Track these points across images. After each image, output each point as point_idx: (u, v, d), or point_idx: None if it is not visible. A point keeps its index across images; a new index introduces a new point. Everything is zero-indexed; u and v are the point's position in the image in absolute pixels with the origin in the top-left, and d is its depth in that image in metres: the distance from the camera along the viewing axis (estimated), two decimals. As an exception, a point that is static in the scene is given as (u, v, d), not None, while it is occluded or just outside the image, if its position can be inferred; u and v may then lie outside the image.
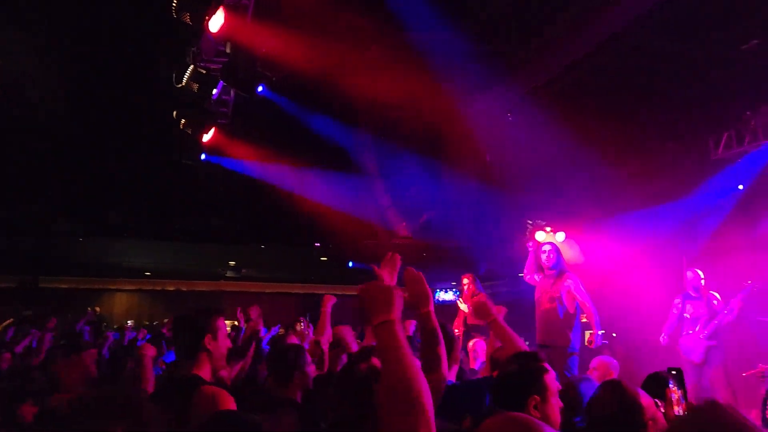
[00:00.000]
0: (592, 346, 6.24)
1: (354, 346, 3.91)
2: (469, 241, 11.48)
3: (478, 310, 3.52)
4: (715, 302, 7.13)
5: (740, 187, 9.08)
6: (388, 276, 3.28)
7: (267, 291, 18.50)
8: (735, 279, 7.56)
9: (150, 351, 3.68)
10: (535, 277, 6.62)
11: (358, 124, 9.99)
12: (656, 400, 2.41)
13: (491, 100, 9.53)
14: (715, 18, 7.67)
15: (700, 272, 7.32)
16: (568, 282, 6.20)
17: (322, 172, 10.69)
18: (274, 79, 8.62)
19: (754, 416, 6.35)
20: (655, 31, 7.84)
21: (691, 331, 7.16)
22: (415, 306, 2.87)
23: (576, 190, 10.09)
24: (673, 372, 2.47)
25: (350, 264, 12.84)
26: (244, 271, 18.90)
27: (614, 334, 9.91)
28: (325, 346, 4.46)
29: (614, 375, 4.56)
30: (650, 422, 2.31)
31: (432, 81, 8.85)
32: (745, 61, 8.17)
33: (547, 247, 6.54)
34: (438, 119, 9.71)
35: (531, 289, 6.72)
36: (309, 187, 10.78)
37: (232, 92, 9.21)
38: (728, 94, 8.73)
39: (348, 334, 4.15)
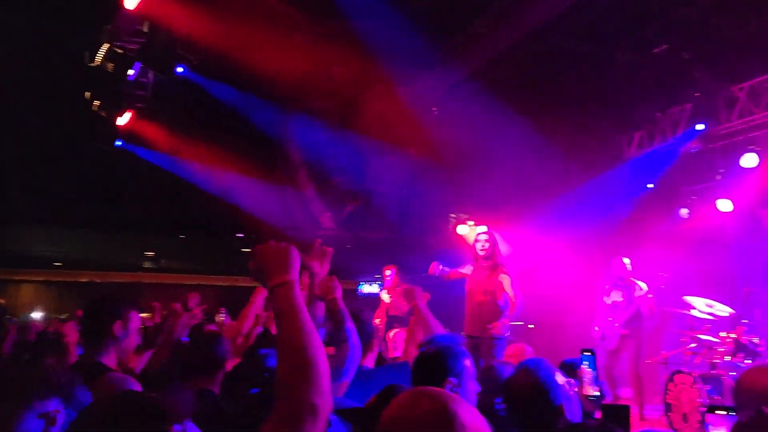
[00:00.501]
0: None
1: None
2: (395, 233, 11.56)
3: (407, 293, 3.72)
4: (637, 291, 7.35)
5: (649, 185, 9.54)
6: (318, 266, 3.26)
7: (187, 283, 17.99)
8: (648, 271, 7.95)
9: (72, 336, 3.54)
10: (443, 268, 6.53)
11: (283, 111, 9.83)
12: (570, 380, 2.47)
13: (419, 90, 9.61)
14: (628, 22, 8.00)
15: (626, 261, 7.58)
16: (502, 277, 6.13)
17: (245, 160, 10.47)
18: (195, 62, 8.36)
19: (657, 402, 6.71)
20: (572, 32, 8.09)
21: (610, 318, 7.43)
22: (324, 294, 2.94)
23: (498, 183, 10.31)
24: (587, 353, 2.54)
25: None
26: (163, 262, 18.32)
27: (531, 326, 10.18)
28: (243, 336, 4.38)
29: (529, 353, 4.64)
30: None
31: (363, 67, 8.84)
32: (656, 64, 8.58)
33: (483, 237, 6.34)
34: (368, 109, 9.70)
35: (457, 280, 6.69)
36: (231, 176, 10.54)
37: (150, 74, 8.87)
38: (640, 95, 9.16)
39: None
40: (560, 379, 2.36)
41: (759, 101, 8.05)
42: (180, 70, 8.65)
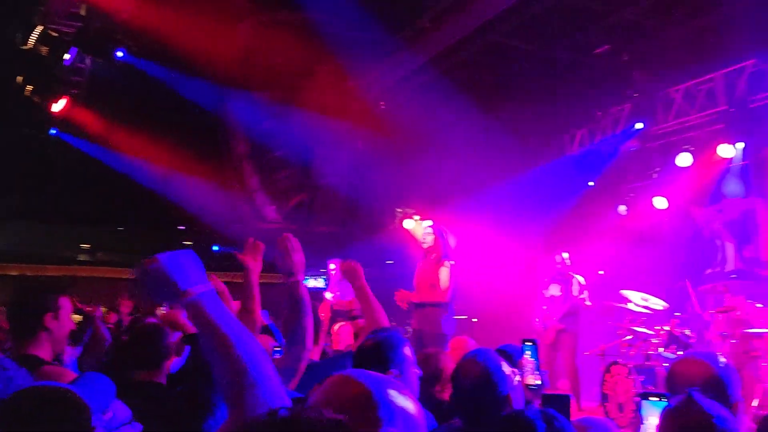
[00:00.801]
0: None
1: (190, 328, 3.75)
2: (341, 227, 11.52)
3: (348, 272, 3.46)
4: (574, 286, 7.55)
5: (590, 183, 9.80)
6: (252, 262, 3.20)
7: (125, 277, 17.45)
8: (587, 266, 8.18)
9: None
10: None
11: (227, 100, 9.63)
12: (514, 370, 2.50)
13: (367, 82, 9.59)
14: (571, 22, 8.19)
15: (565, 255, 7.76)
16: (442, 270, 6.20)
17: (187, 151, 10.22)
18: (135, 47, 8.10)
19: (594, 392, 6.92)
20: (518, 30, 8.23)
21: (544, 307, 7.60)
22: (287, 273, 2.78)
23: (445, 177, 10.42)
24: (528, 343, 2.57)
25: (215, 248, 12.43)
26: (99, 255, 17.70)
27: (475, 319, 10.32)
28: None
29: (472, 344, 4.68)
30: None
31: (310, 57, 8.76)
32: (597, 64, 8.83)
33: (427, 230, 6.42)
34: (315, 100, 9.62)
35: (403, 275, 6.74)
36: (172, 166, 10.28)
37: (88, 59, 8.54)
38: (582, 94, 9.40)
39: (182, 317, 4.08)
40: (506, 368, 2.39)
41: (693, 103, 8.37)
42: (120, 54, 8.35)
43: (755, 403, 5.83)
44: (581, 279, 7.57)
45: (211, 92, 9.13)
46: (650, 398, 2.16)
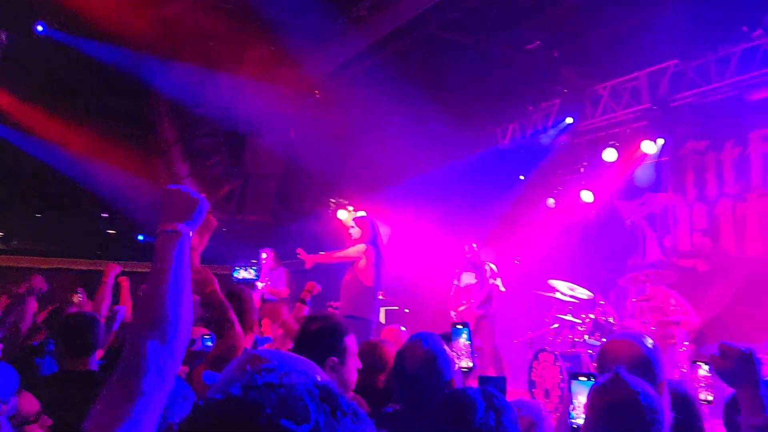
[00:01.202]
0: None
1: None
2: (273, 217, 11.35)
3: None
4: (488, 273, 7.73)
5: (521, 177, 10.04)
6: (197, 239, 3.10)
7: (43, 267, 16.62)
8: (507, 258, 8.39)
9: None
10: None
11: (155, 82, 9.29)
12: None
13: (302, 71, 9.47)
14: (504, 17, 8.33)
15: (474, 245, 7.92)
16: (362, 261, 6.32)
17: (113, 135, 9.80)
18: (56, 22, 7.66)
19: (523, 380, 7.11)
20: (451, 23, 8.30)
21: (464, 301, 7.76)
22: (201, 289, 2.85)
23: (378, 168, 10.43)
24: (460, 326, 2.60)
25: (140, 238, 12.00)
26: (15, 243, 16.78)
27: (407, 310, 10.42)
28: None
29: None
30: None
31: (243, 42, 8.56)
32: (529, 59, 9.03)
33: (352, 223, 6.63)
34: (247, 87, 9.42)
35: (337, 266, 6.78)
36: (96, 151, 9.83)
37: (2, 35, 8.03)
38: (514, 88, 9.60)
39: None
40: (449, 352, 2.40)
41: (620, 100, 8.70)
42: (40, 29, 7.86)
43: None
44: (493, 266, 7.76)
45: (138, 73, 8.78)
46: (579, 378, 2.23)
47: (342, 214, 11.11)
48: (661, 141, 8.24)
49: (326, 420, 0.69)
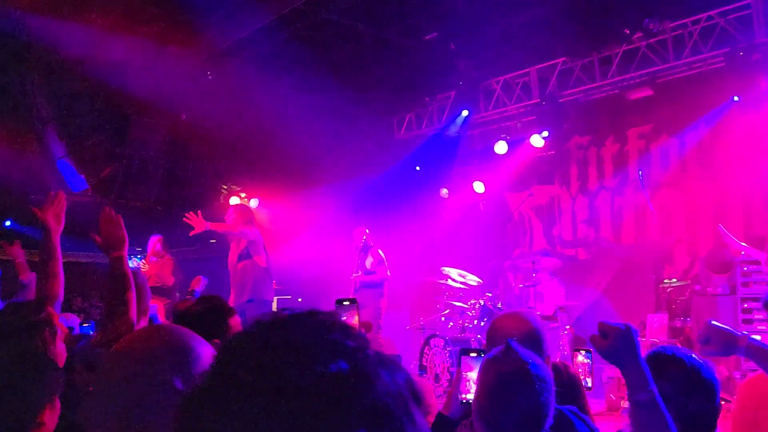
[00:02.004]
0: None
1: None
2: (159, 202, 10.87)
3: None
4: (378, 259, 7.79)
5: (417, 168, 10.20)
6: (53, 221, 2.89)
7: None
8: (400, 246, 8.51)
9: None
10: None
11: (26, 58, 8.58)
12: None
13: (193, 51, 9.09)
14: (403, 6, 8.40)
15: (366, 231, 7.95)
16: (256, 239, 6.34)
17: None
18: None
19: (413, 367, 7.23)
20: (352, 11, 8.26)
21: (357, 271, 7.81)
22: (108, 249, 2.64)
23: (274, 155, 10.24)
24: (345, 302, 2.56)
25: (7, 224, 11.13)
26: None
27: (300, 299, 10.32)
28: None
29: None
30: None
31: (132, 16, 8.09)
32: (427, 50, 9.15)
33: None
34: (132, 65, 8.91)
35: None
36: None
37: None
38: (411, 79, 9.70)
39: None
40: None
41: (511, 94, 9.03)
42: None
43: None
44: (381, 253, 7.84)
45: (11, 42, 8.09)
46: (470, 354, 2.26)
47: (234, 201, 10.84)
48: (545, 134, 8.61)
49: None
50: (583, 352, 3.03)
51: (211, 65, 9.79)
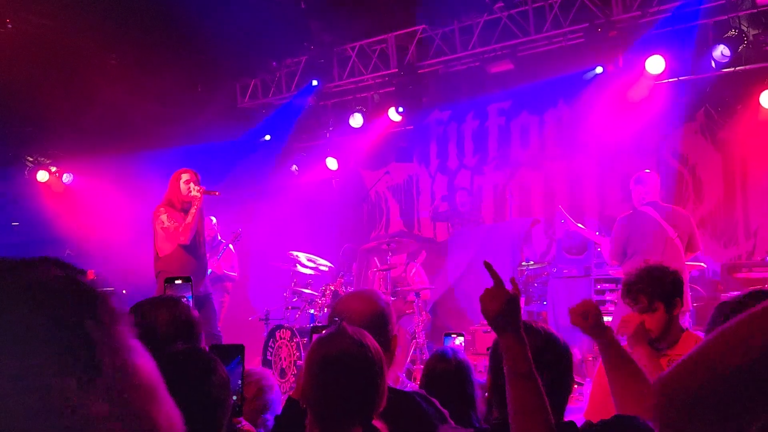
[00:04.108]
0: None
1: None
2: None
3: None
4: (220, 246, 7.61)
5: (267, 137, 10.03)
6: None
7: None
8: (245, 228, 8.35)
9: None
10: None
11: None
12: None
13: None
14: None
15: (213, 219, 7.73)
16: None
17: None
18: None
19: (256, 362, 7.15)
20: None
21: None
22: None
23: (91, 124, 9.62)
24: (178, 282, 2.52)
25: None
26: None
27: (124, 291, 9.86)
28: None
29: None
30: None
31: None
32: (275, 7, 8.99)
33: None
34: None
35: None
36: None
37: None
38: (257, 40, 9.48)
39: None
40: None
41: (368, 63, 9.11)
42: None
43: (409, 358, 6.67)
44: (232, 248, 7.70)
45: None
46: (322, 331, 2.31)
47: (43, 176, 10.11)
48: (401, 109, 8.79)
49: None
50: (459, 338, 3.17)
51: (10, 12, 8.98)
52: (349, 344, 1.85)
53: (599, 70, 7.57)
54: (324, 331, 1.98)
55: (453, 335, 3.22)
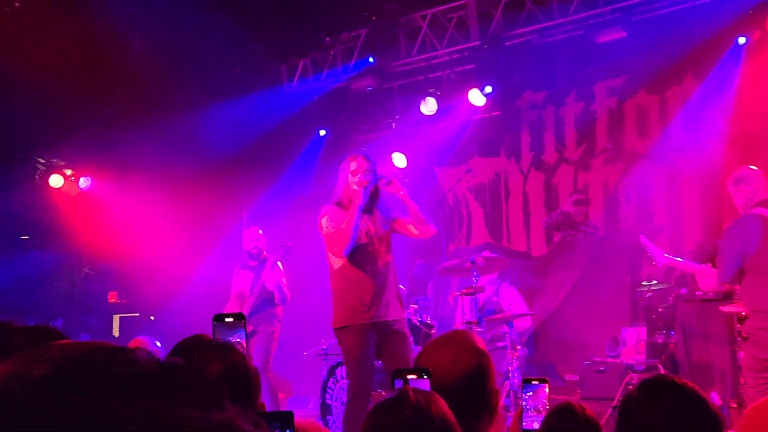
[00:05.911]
0: None
1: None
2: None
3: None
4: (270, 268, 7.35)
5: (322, 132, 9.96)
6: None
7: None
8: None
9: None
10: None
11: None
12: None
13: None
14: None
15: (260, 232, 7.59)
16: None
17: None
18: None
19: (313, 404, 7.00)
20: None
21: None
22: None
23: (110, 121, 9.77)
24: (228, 319, 2.56)
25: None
26: None
27: (152, 317, 10.06)
28: None
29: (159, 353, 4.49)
30: None
31: None
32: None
33: None
34: None
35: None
36: None
37: None
38: (307, 12, 9.38)
39: None
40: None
41: (443, 35, 8.86)
42: None
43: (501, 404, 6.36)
44: (280, 266, 7.47)
45: None
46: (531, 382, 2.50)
47: (56, 181, 10.30)
48: (489, 89, 8.54)
49: None
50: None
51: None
52: (410, 416, 1.82)
53: (742, 41, 7.19)
54: (384, 395, 1.97)
55: (535, 382, 2.88)
